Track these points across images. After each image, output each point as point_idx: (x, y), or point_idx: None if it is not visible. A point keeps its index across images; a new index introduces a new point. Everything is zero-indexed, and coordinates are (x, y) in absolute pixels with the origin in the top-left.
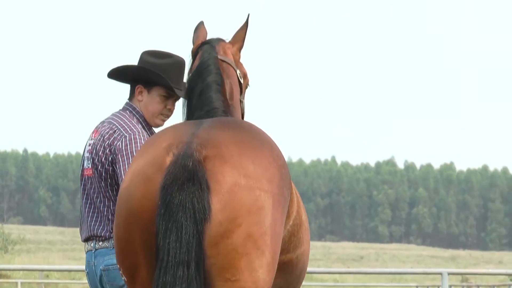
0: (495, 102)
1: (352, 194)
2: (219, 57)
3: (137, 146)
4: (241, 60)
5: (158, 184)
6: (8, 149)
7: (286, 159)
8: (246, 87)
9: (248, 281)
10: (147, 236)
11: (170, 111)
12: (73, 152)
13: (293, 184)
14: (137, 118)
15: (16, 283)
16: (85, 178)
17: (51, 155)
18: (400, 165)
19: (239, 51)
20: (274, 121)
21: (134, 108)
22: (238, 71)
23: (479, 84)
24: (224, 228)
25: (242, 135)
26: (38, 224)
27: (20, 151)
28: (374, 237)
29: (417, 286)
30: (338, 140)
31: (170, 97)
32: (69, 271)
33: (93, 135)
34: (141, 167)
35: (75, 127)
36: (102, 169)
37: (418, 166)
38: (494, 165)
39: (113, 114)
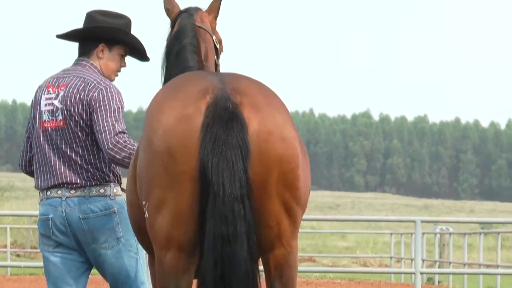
0: (467, 56)
1: (329, 145)
2: (197, 24)
3: (114, 97)
4: (216, 28)
5: (199, 123)
6: None
7: None
8: (221, 52)
9: (282, 218)
10: (186, 175)
11: (124, 68)
12: None
13: None
14: (97, 73)
15: (6, 228)
16: (49, 130)
17: None
18: (375, 117)
19: (215, 19)
20: (253, 75)
21: (92, 64)
22: (214, 37)
23: (452, 38)
24: (263, 170)
25: (262, 87)
26: None
27: (10, 101)
28: (350, 186)
29: (391, 234)
30: (316, 92)
31: (125, 55)
32: None
33: (57, 88)
34: (179, 109)
35: None
36: (79, 120)
37: (392, 118)
38: (466, 118)
39: (73, 70)
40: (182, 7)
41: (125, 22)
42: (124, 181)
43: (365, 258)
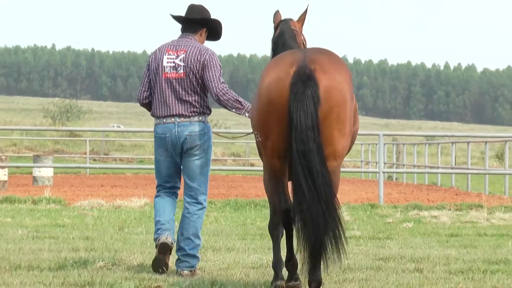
0: (416, 11)
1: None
2: (292, 27)
3: (217, 59)
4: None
5: (288, 83)
6: (81, 48)
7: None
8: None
9: (336, 141)
10: (280, 114)
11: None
12: (126, 50)
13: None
14: (200, 43)
15: (86, 140)
16: (170, 79)
17: (110, 52)
18: (351, 60)
19: (302, 26)
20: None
21: (195, 38)
22: (302, 36)
23: None
24: (325, 111)
25: (331, 58)
26: (101, 100)
27: (89, 49)
28: None
29: (361, 144)
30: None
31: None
32: (122, 131)
33: (177, 52)
34: (276, 74)
35: (131, 30)
36: (196, 73)
37: (363, 61)
38: (415, 61)
39: (184, 40)
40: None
41: (216, 19)
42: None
43: (343, 161)
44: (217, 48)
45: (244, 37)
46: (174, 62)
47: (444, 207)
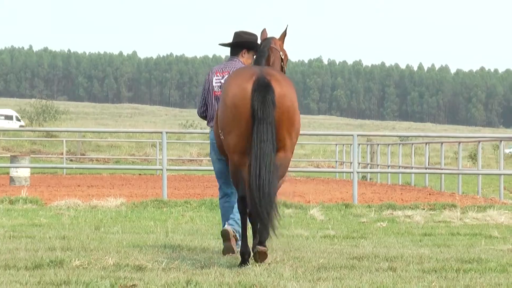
0: (390, 10)
1: (292, 81)
2: (271, 45)
3: None
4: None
5: (250, 90)
6: (57, 49)
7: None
8: (287, 60)
9: (286, 138)
10: (242, 116)
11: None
12: (102, 52)
13: None
14: (242, 64)
15: (62, 140)
16: (218, 96)
17: (87, 53)
18: (325, 61)
19: (283, 42)
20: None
21: (239, 60)
22: (281, 53)
23: None
24: (279, 113)
25: (281, 74)
26: (77, 101)
27: (66, 50)
28: (307, 110)
29: (336, 144)
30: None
31: (254, 54)
32: (99, 132)
33: (222, 73)
34: (239, 83)
35: (107, 32)
36: None
37: (337, 62)
38: (390, 62)
39: (230, 63)
40: (268, 34)
41: (255, 38)
42: None
43: (318, 161)
44: (190, 49)
45: (221, 39)
46: (220, 82)
47: (417, 206)
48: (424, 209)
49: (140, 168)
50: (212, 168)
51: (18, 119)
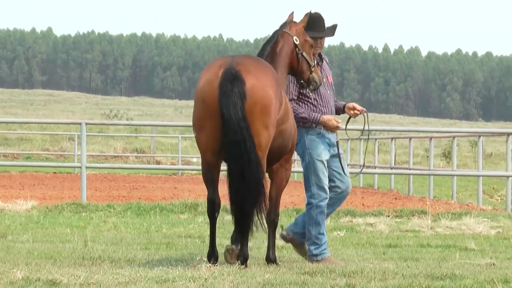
0: None
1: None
2: (284, 30)
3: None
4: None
5: (217, 83)
6: None
7: (184, 34)
8: (308, 45)
9: (261, 133)
10: (212, 111)
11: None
12: (11, 28)
13: (283, 92)
14: None
15: None
16: None
17: None
18: None
19: (302, 27)
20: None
21: None
22: (294, 38)
23: None
24: (250, 104)
25: (257, 63)
26: None
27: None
28: None
29: None
30: (225, 19)
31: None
32: (6, 123)
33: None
34: (207, 77)
35: (19, 6)
36: None
37: None
38: (350, 42)
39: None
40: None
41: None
42: None
43: None
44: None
45: (150, 14)
46: None
47: (381, 213)
48: (389, 216)
49: (55, 166)
50: (139, 166)
51: None
